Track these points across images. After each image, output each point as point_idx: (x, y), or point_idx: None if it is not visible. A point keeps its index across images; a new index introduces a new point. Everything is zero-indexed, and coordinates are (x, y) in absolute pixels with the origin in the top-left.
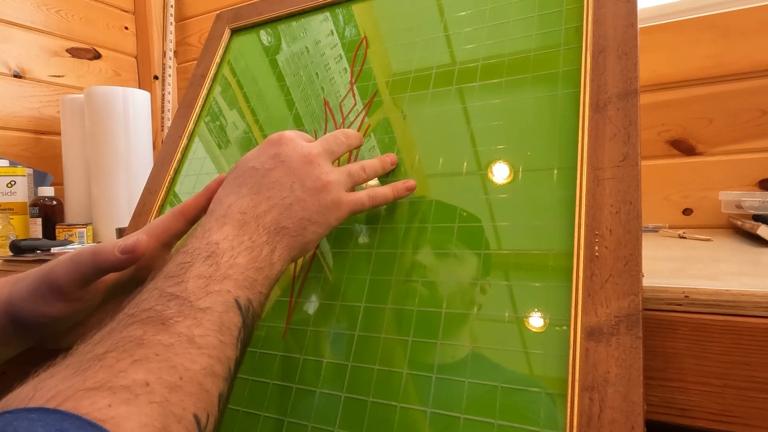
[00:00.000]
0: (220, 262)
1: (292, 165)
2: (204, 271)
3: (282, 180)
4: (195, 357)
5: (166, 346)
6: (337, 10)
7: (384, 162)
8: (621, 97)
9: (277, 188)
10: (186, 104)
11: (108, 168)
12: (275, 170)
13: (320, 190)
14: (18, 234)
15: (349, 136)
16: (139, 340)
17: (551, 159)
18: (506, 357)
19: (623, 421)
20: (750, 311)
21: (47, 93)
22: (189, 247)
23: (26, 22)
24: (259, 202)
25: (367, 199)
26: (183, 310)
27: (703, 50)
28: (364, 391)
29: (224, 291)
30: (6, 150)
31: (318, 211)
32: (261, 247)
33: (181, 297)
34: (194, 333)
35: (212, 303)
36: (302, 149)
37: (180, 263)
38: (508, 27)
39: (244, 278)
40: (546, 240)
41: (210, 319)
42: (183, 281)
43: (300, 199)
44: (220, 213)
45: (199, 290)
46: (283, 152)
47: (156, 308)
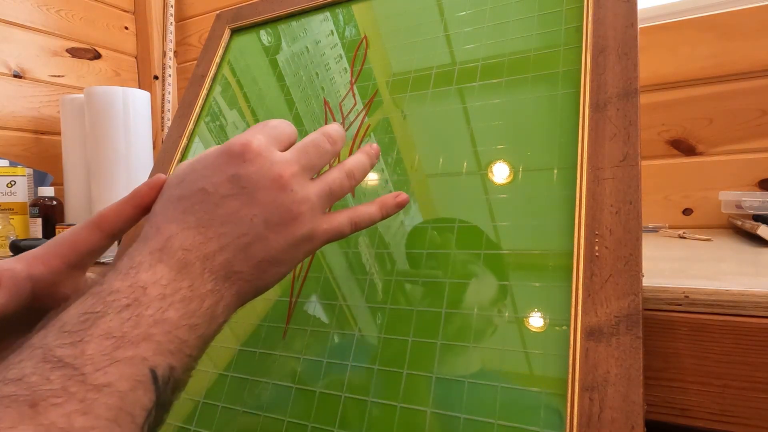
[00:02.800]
0: (142, 316)
1: (257, 194)
2: (116, 327)
3: (241, 213)
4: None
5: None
6: (337, 10)
7: (370, 155)
8: (621, 97)
9: (233, 223)
10: (186, 104)
11: (108, 168)
12: (233, 199)
13: (289, 224)
14: (18, 234)
15: (335, 140)
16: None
17: (551, 159)
18: (506, 357)
19: (623, 421)
20: (750, 311)
21: (47, 93)
22: (105, 288)
23: (26, 22)
24: (209, 238)
25: (348, 226)
26: (69, 386)
27: (703, 50)
28: (363, 391)
29: (138, 359)
30: (6, 150)
31: (283, 250)
32: (202, 298)
33: (71, 366)
34: (75, 424)
35: (115, 377)
36: (271, 170)
37: (85, 313)
38: (508, 27)
39: (170, 340)
40: (546, 240)
41: (106, 402)
42: (82, 340)
43: (262, 238)
44: (155, 245)
45: (102, 357)
46: (246, 175)
47: (29, 380)
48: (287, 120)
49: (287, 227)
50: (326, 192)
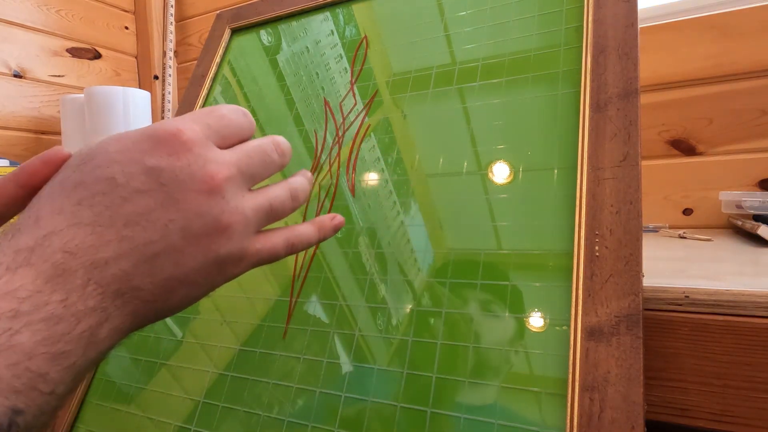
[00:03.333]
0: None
1: (178, 194)
2: None
3: (155, 215)
4: None
5: None
6: (338, 10)
7: (310, 181)
8: (621, 97)
9: (142, 225)
10: (186, 104)
11: None
12: (147, 195)
13: (212, 238)
14: None
15: (284, 152)
16: None
17: (551, 159)
18: (506, 357)
19: (623, 421)
20: (750, 311)
21: (47, 93)
22: None
23: (26, 22)
24: (105, 241)
25: (284, 248)
26: None
27: (703, 50)
28: (363, 391)
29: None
30: (6, 150)
31: (200, 268)
32: (78, 318)
33: None
34: None
35: None
36: (202, 170)
37: None
38: (508, 27)
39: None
40: (546, 240)
41: None
42: None
43: (175, 249)
44: (27, 242)
45: None
46: (169, 169)
47: None
48: (288, 119)
49: (210, 241)
50: (265, 208)
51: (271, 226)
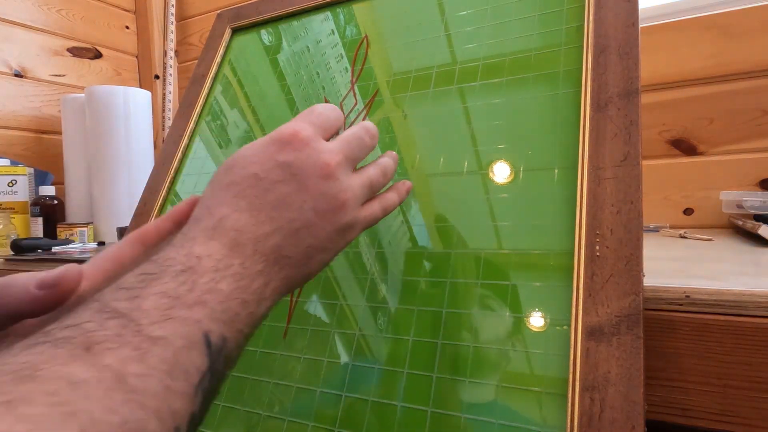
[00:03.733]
0: (196, 282)
1: (306, 181)
2: (172, 288)
3: (291, 198)
4: (116, 405)
5: (71, 384)
6: (338, 9)
7: (395, 159)
8: (622, 96)
9: (283, 208)
10: (187, 103)
11: (109, 167)
12: (284, 184)
13: (334, 212)
14: (19, 233)
15: (373, 135)
16: (31, 371)
17: (552, 158)
18: (506, 356)
19: (624, 421)
20: (751, 311)
21: (48, 92)
22: (161, 256)
23: (27, 22)
24: (260, 221)
25: (381, 212)
26: (124, 333)
27: (704, 50)
28: (364, 391)
29: (192, 320)
30: (7, 149)
31: (328, 237)
32: (253, 278)
33: (127, 317)
34: (128, 369)
35: (170, 332)
36: (319, 159)
37: (142, 273)
38: (509, 26)
39: (224, 309)
40: (547, 239)
41: (160, 354)
42: (138, 296)
43: (310, 224)
44: (208, 224)
45: (157, 313)
46: (297, 162)
47: (85, 326)
48: (288, 118)
49: (334, 215)
50: (367, 185)
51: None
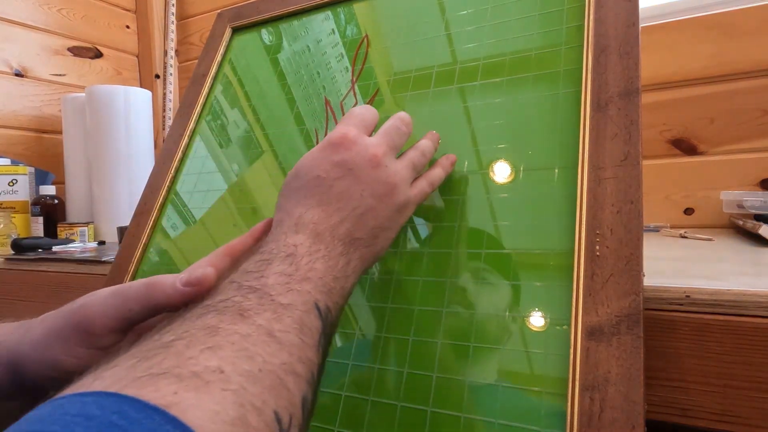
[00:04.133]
0: (299, 264)
1: (360, 173)
2: (284, 269)
3: (352, 189)
4: (275, 351)
5: (243, 336)
6: (339, 9)
7: (434, 141)
8: (622, 96)
9: (346, 199)
10: (187, 103)
11: (109, 167)
12: (343, 179)
13: (389, 195)
14: (19, 233)
15: (408, 123)
16: (213, 329)
17: (552, 158)
18: (507, 356)
19: (624, 421)
20: (751, 311)
21: (49, 92)
22: (265, 248)
23: (28, 21)
24: (330, 213)
25: (428, 187)
26: (263, 302)
27: (704, 50)
28: (364, 391)
29: (305, 292)
30: (7, 149)
31: (388, 217)
32: (337, 258)
33: (261, 290)
34: (274, 327)
35: (293, 300)
36: (367, 152)
37: (258, 261)
38: (509, 26)
39: (323, 284)
40: (547, 239)
41: (291, 316)
42: (263, 276)
43: (371, 208)
44: (291, 223)
45: (281, 286)
46: (349, 159)
47: (233, 299)
48: (289, 118)
49: (389, 197)
50: (410, 166)
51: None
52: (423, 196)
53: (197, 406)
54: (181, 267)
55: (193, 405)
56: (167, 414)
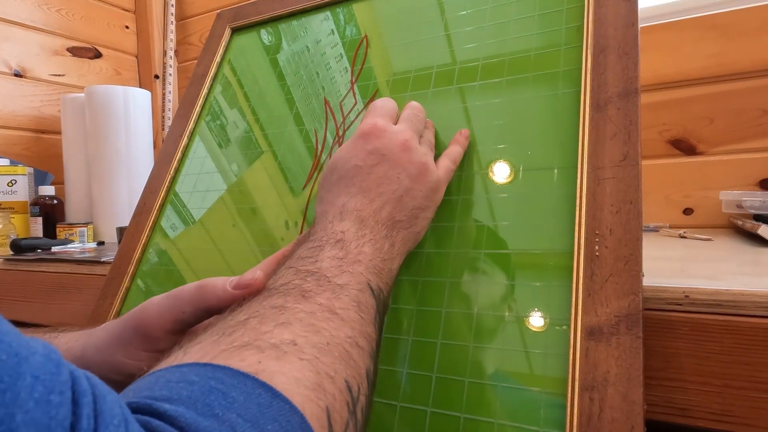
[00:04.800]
0: (349, 248)
1: (394, 157)
2: (335, 254)
3: (389, 174)
4: (338, 326)
5: (308, 313)
6: (338, 9)
7: (431, 127)
8: (621, 96)
9: (385, 183)
10: (186, 103)
11: (109, 167)
12: (380, 165)
13: (423, 174)
14: (19, 233)
15: (422, 110)
16: (281, 308)
17: (552, 158)
18: (506, 356)
19: (623, 421)
20: (750, 311)
21: (48, 92)
22: (315, 236)
23: (27, 21)
24: (372, 199)
25: (452, 164)
26: (321, 283)
27: (703, 50)
28: None
29: (357, 273)
30: (7, 149)
31: (425, 196)
32: (382, 241)
33: (317, 273)
34: (335, 305)
35: (348, 281)
36: (398, 138)
37: (310, 248)
38: (508, 26)
39: (373, 266)
40: (546, 239)
41: (348, 294)
42: (317, 261)
43: (408, 189)
44: (335, 212)
45: (335, 269)
46: (382, 145)
47: (294, 282)
48: (288, 118)
49: (423, 176)
50: (429, 146)
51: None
52: (449, 174)
53: (282, 373)
54: (181, 267)
55: (277, 372)
56: (257, 380)
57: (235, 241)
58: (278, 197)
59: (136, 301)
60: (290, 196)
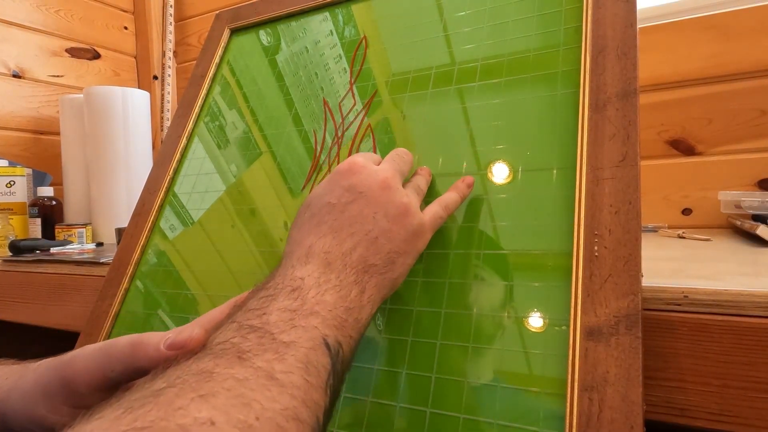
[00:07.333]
0: (306, 297)
1: (371, 194)
2: (289, 305)
3: (364, 212)
4: (275, 395)
5: (239, 381)
6: (337, 10)
7: (424, 176)
8: (620, 97)
9: (359, 222)
10: (185, 104)
11: (107, 168)
12: (355, 203)
13: (403, 216)
14: (17, 234)
15: (409, 153)
16: (208, 374)
17: (550, 159)
18: (505, 357)
19: (622, 421)
20: (749, 311)
21: (46, 93)
22: (270, 283)
23: (25, 22)
24: (342, 239)
25: (443, 211)
26: (263, 342)
27: (702, 50)
28: (363, 391)
29: (311, 327)
30: (5, 150)
31: (404, 240)
32: (349, 287)
33: (261, 329)
34: (275, 368)
35: (297, 338)
36: (377, 175)
37: (261, 297)
38: (507, 27)
39: (333, 317)
40: (545, 240)
41: (294, 354)
42: (265, 314)
43: (385, 230)
44: (301, 253)
45: (283, 323)
46: (359, 182)
47: (232, 341)
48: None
49: (403, 218)
50: (417, 190)
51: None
52: (437, 221)
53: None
54: (180, 268)
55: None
56: None
57: (234, 242)
58: (277, 198)
59: (135, 302)
60: (289, 197)
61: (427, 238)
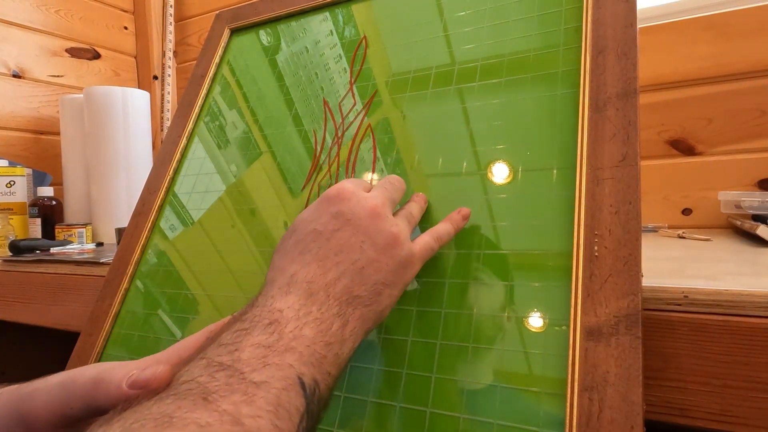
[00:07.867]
0: (283, 332)
1: (359, 222)
2: (263, 339)
3: (351, 241)
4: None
5: (201, 426)
6: (337, 10)
7: (419, 203)
8: (620, 97)
9: (346, 251)
10: (185, 104)
11: (107, 168)
12: (342, 231)
13: (391, 246)
14: (17, 234)
15: (401, 180)
16: (168, 418)
17: (551, 159)
18: (505, 357)
19: (622, 421)
20: (749, 311)
21: (46, 93)
22: (248, 315)
23: (25, 22)
24: (327, 269)
25: (435, 243)
26: (231, 382)
27: (702, 50)
28: (363, 391)
29: (285, 365)
30: (5, 150)
31: (392, 271)
32: (331, 320)
33: (231, 367)
34: (242, 412)
35: (269, 377)
36: (366, 203)
37: (236, 330)
38: (507, 27)
39: (311, 353)
40: (545, 240)
41: (264, 396)
42: (237, 350)
43: (372, 260)
44: (282, 282)
45: (255, 361)
46: (347, 209)
47: (198, 379)
48: (287, 119)
49: (391, 248)
50: (408, 219)
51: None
52: (428, 252)
53: None
54: (180, 268)
55: None
56: None
57: (234, 242)
58: (277, 198)
59: (135, 302)
60: (289, 197)
61: (416, 270)
